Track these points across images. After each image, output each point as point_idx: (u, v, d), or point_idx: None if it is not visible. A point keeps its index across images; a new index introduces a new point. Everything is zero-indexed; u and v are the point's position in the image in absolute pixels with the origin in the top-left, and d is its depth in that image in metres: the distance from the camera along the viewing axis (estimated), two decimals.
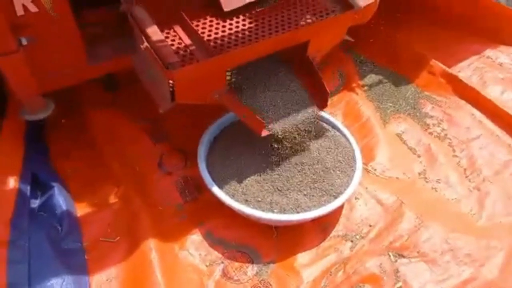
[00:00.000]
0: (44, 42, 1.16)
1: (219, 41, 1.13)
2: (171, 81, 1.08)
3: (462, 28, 1.93)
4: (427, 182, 1.42)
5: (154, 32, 1.07)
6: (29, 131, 1.36)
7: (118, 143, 1.46)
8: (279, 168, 1.23)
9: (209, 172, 1.26)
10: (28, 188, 1.23)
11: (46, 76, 1.21)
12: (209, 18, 1.20)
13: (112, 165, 1.40)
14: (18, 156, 1.27)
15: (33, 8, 1.10)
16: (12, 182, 1.20)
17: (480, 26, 1.92)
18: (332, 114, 1.61)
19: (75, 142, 1.47)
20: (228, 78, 1.19)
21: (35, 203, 1.27)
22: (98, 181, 1.36)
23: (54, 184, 1.29)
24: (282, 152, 1.23)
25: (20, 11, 1.09)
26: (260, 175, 1.23)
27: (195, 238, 1.26)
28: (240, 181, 1.23)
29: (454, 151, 1.51)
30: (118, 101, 1.59)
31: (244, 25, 1.18)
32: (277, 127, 1.20)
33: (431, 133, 1.58)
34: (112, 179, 1.37)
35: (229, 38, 1.14)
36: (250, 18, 1.20)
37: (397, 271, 1.19)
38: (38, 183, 1.29)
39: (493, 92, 1.69)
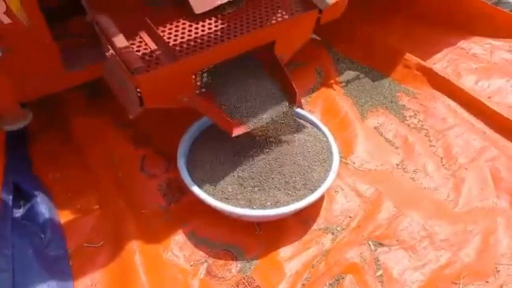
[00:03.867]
0: (19, 53, 1.18)
1: (185, 45, 1.15)
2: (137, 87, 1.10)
3: (435, 21, 1.97)
4: (405, 172, 1.46)
5: (119, 39, 1.09)
6: (9, 140, 1.38)
7: (100, 149, 1.47)
8: (257, 166, 1.25)
9: (189, 173, 1.28)
10: (10, 197, 1.25)
11: (23, 86, 1.22)
12: (180, 21, 1.22)
13: (94, 171, 1.42)
14: None
15: (6, 20, 1.12)
16: None
17: (452, 18, 1.97)
18: (311, 111, 1.64)
19: (57, 150, 1.48)
20: (197, 81, 1.21)
21: (18, 213, 1.29)
22: (81, 188, 1.38)
23: (36, 192, 1.30)
24: (258, 149, 1.26)
25: None
26: (239, 173, 1.25)
27: (179, 238, 1.27)
28: (219, 180, 1.25)
29: (430, 141, 1.55)
30: (99, 107, 1.60)
31: (212, 27, 1.20)
32: (249, 126, 1.22)
33: (408, 125, 1.61)
34: (95, 185, 1.38)
35: (195, 42, 1.16)
36: (219, 20, 1.23)
37: (377, 259, 1.21)
38: (20, 193, 1.31)
39: (467, 82, 1.73)
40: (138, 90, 1.09)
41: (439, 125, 1.59)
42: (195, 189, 1.23)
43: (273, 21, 1.23)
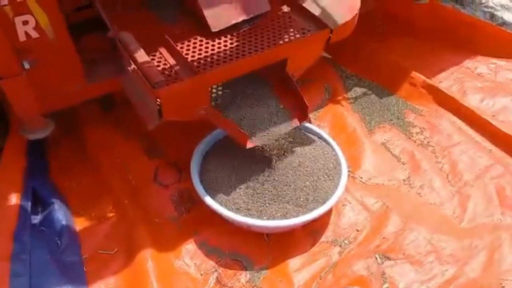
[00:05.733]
0: (45, 66, 1.24)
1: (202, 61, 1.22)
2: (158, 100, 1.15)
3: (441, 40, 2.02)
4: (411, 187, 1.49)
5: (140, 54, 1.16)
6: (30, 149, 1.43)
7: (115, 159, 1.52)
8: (268, 178, 1.29)
9: (202, 184, 1.32)
10: (29, 204, 1.29)
11: (47, 97, 1.28)
12: (198, 38, 1.29)
13: (109, 180, 1.46)
14: (20, 173, 1.33)
15: (34, 34, 1.19)
16: (14, 199, 1.26)
17: (458, 38, 2.02)
18: (320, 126, 1.68)
19: (74, 159, 1.53)
20: (212, 95, 1.27)
21: (36, 219, 1.33)
22: (96, 196, 1.42)
23: (54, 200, 1.35)
24: (268, 162, 1.30)
25: (22, 37, 1.17)
26: (250, 185, 1.29)
27: (190, 247, 1.31)
28: (231, 191, 1.29)
29: (436, 157, 1.58)
30: (114, 119, 1.66)
31: (227, 44, 1.27)
32: (259, 140, 1.26)
33: (414, 141, 1.65)
34: (110, 194, 1.43)
35: (212, 58, 1.23)
36: (234, 37, 1.29)
37: (383, 272, 1.24)
38: (38, 199, 1.35)
39: (472, 101, 1.77)
40: (158, 103, 1.14)
41: (445, 142, 1.63)
42: (208, 199, 1.27)
43: (287, 40, 1.28)
